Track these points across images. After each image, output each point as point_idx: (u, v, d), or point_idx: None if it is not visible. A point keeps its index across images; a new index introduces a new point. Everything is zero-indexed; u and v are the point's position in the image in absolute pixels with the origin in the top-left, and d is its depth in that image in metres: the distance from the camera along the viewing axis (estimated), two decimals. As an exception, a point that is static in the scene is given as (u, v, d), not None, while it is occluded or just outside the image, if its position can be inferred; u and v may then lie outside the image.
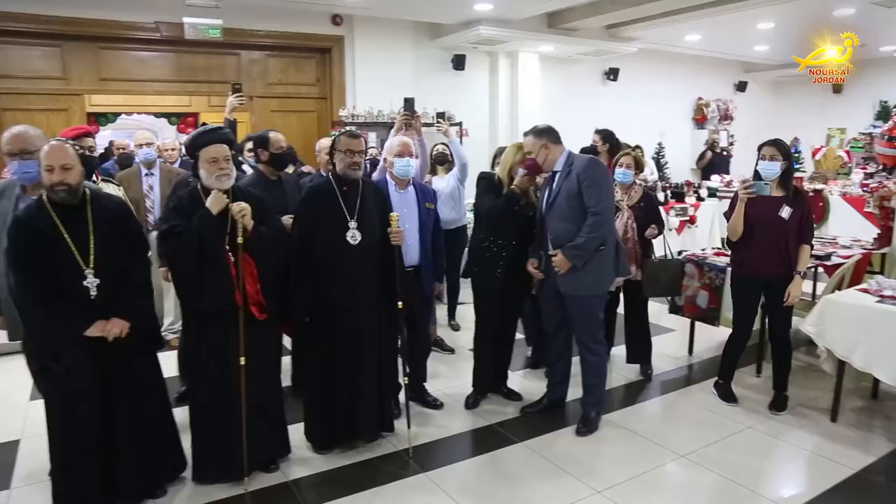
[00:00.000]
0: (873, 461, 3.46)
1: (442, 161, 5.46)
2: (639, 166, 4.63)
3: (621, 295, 4.68)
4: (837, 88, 12.88)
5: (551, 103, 9.67)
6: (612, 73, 10.89)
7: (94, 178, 3.47)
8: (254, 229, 2.99)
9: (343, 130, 3.47)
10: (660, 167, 11.06)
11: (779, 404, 4.06)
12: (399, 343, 3.62)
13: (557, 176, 3.64)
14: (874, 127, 10.25)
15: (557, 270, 3.58)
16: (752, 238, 3.89)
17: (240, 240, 2.94)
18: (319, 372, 3.39)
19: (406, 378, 3.58)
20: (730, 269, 4.56)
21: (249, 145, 4.38)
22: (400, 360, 3.64)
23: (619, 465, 3.41)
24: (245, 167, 4.76)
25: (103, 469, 2.84)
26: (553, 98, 9.86)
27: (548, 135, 3.66)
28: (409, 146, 3.80)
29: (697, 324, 5.01)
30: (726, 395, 4.21)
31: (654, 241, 4.63)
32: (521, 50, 9.35)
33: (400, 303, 3.42)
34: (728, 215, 4.00)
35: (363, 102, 8.08)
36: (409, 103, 4.33)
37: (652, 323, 4.80)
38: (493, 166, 4.70)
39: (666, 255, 4.93)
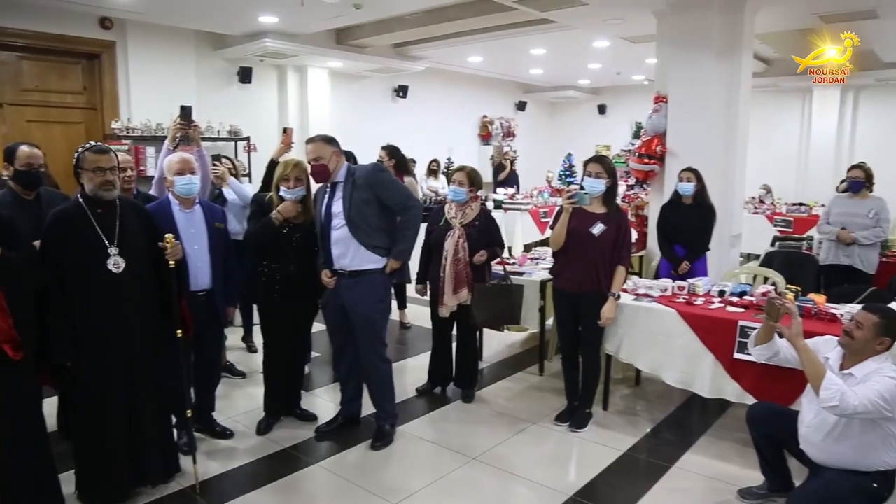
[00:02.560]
0: (637, 441, 3.88)
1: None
2: (473, 183, 4.36)
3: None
4: (602, 109, 14.41)
5: (342, 119, 9.68)
6: (402, 91, 11.20)
7: None
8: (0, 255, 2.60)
9: (87, 146, 3.03)
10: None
11: (579, 421, 4.02)
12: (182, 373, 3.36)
13: (340, 187, 3.62)
14: (631, 144, 11.55)
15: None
16: (567, 251, 3.88)
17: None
18: (90, 420, 2.98)
19: (190, 410, 3.34)
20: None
21: None
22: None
23: (414, 475, 3.46)
24: None
25: None
26: (344, 113, 9.88)
27: (337, 143, 3.66)
28: (190, 162, 3.56)
29: (485, 330, 5.24)
30: (577, 419, 4.03)
31: (492, 263, 4.42)
32: (311, 65, 9.27)
33: (180, 331, 3.15)
34: (553, 225, 3.98)
35: (139, 115, 7.46)
36: (185, 111, 3.99)
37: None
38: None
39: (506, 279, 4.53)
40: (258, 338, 5.35)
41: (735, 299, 3.97)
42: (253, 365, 5.02)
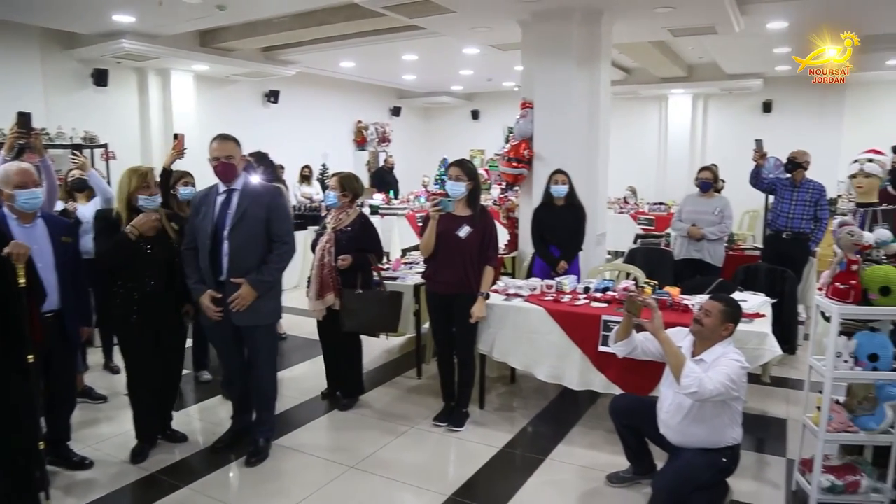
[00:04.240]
0: (513, 437, 3.99)
1: (80, 188, 4.88)
2: (345, 188, 4.27)
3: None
4: (476, 115, 14.74)
5: (209, 124, 9.25)
6: (273, 96, 10.94)
7: None
8: None
9: None
10: (325, 188, 11.37)
11: (457, 420, 4.09)
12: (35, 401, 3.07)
13: (237, 196, 3.48)
14: (503, 149, 11.86)
15: (238, 306, 3.42)
16: (437, 255, 3.94)
17: None
18: None
19: (43, 442, 3.06)
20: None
21: None
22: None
23: (291, 488, 3.37)
24: None
25: None
26: (211, 119, 9.45)
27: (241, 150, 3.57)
28: (31, 173, 3.26)
29: (362, 336, 5.19)
30: (455, 419, 4.09)
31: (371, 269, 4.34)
32: (174, 68, 8.86)
33: (31, 356, 2.87)
34: (422, 231, 4.02)
35: (-24, 119, 6.82)
36: (23, 119, 3.65)
37: (315, 339, 4.74)
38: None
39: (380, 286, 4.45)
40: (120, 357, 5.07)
41: (599, 295, 4.18)
42: (116, 387, 4.70)
